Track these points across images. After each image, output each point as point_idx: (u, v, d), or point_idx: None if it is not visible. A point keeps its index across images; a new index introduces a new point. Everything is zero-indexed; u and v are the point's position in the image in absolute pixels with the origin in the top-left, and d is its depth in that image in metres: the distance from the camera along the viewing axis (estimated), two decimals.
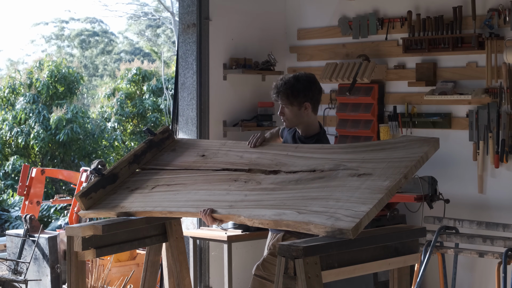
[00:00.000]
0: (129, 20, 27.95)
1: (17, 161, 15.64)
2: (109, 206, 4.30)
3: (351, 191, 3.54)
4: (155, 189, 4.33)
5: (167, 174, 4.45)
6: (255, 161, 4.23)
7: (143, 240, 4.47)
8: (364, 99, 6.22)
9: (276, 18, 6.77)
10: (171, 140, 4.72)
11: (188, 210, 4.07)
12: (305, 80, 4.34)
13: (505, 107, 5.56)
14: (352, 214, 3.34)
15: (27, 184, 7.42)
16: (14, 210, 13.29)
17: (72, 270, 4.13)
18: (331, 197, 3.56)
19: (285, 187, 3.86)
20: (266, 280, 4.21)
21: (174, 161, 4.55)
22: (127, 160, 4.52)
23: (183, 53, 6.28)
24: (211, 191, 4.11)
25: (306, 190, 3.73)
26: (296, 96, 4.31)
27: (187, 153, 4.59)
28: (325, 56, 6.57)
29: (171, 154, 4.63)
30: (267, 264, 4.21)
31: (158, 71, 19.58)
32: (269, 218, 3.62)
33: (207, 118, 6.27)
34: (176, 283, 4.61)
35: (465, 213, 5.60)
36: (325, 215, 3.42)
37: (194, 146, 4.65)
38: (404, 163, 3.58)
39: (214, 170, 4.31)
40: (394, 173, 3.54)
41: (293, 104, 4.31)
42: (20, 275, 6.37)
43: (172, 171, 4.47)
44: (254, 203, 3.82)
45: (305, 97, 4.31)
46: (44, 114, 16.36)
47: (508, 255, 4.83)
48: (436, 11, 5.90)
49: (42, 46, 30.57)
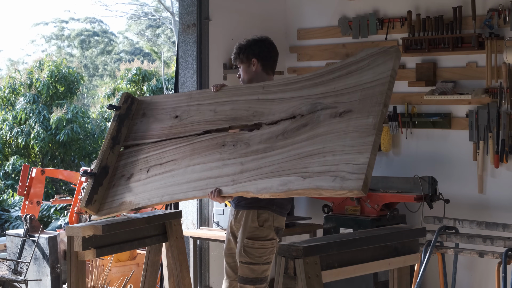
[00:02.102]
0: (129, 20, 27.95)
1: (17, 161, 15.64)
2: (117, 203, 4.30)
3: (341, 138, 3.51)
4: (150, 172, 4.31)
5: (153, 150, 4.41)
6: (231, 115, 4.19)
7: (143, 240, 4.47)
8: None
9: (276, 18, 6.77)
10: (136, 104, 4.66)
11: (195, 194, 4.07)
12: (254, 39, 4.50)
13: (505, 107, 5.56)
14: (356, 170, 3.33)
15: (27, 184, 7.43)
16: (14, 210, 13.29)
17: (72, 270, 4.13)
18: (325, 150, 3.53)
19: (275, 145, 3.83)
20: (254, 265, 4.24)
21: (150, 130, 4.51)
22: (108, 146, 4.47)
23: (183, 53, 6.28)
24: (206, 164, 4.09)
25: (297, 146, 3.70)
26: (244, 52, 4.44)
27: (159, 116, 4.54)
28: (325, 56, 6.56)
29: (144, 120, 4.58)
30: (248, 249, 4.24)
31: (158, 71, 19.58)
32: (278, 190, 3.61)
33: None
34: (176, 283, 4.61)
35: (465, 213, 5.60)
36: (330, 176, 3.41)
37: (162, 106, 4.57)
38: (378, 88, 3.52)
39: (196, 135, 4.27)
40: (373, 105, 3.49)
41: (243, 61, 4.43)
42: (20, 275, 6.37)
43: (156, 145, 4.42)
44: (255, 173, 3.80)
45: (252, 54, 4.43)
46: (44, 114, 16.36)
47: (508, 255, 4.83)
48: (436, 11, 5.90)
49: (42, 46, 30.58)
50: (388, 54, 3.58)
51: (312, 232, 6.18)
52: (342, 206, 5.87)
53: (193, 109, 4.40)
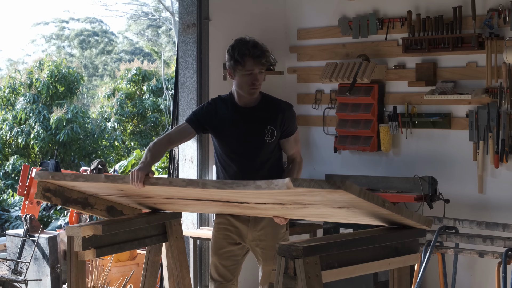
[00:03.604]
0: (129, 20, 27.95)
1: (17, 161, 15.65)
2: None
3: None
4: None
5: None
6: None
7: (143, 240, 4.46)
8: (364, 99, 6.22)
9: (276, 18, 6.77)
10: None
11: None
12: (258, 42, 4.29)
13: (505, 107, 5.56)
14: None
15: (27, 184, 7.42)
16: (14, 210, 13.28)
17: (72, 270, 4.13)
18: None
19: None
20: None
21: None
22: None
23: (183, 53, 6.28)
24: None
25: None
26: (269, 56, 4.31)
27: None
28: (325, 56, 6.57)
29: None
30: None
31: (158, 71, 19.59)
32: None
33: None
34: (176, 283, 4.60)
35: (465, 213, 5.60)
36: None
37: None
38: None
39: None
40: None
41: (264, 65, 4.24)
42: (20, 275, 6.37)
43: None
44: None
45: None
46: (44, 114, 16.37)
47: (508, 255, 4.83)
48: (436, 11, 5.90)
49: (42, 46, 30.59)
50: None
51: (312, 232, 6.18)
52: None
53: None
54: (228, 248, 4.36)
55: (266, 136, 4.27)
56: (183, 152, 6.25)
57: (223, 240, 4.36)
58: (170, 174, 6.42)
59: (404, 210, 3.58)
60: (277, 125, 4.28)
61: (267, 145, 4.28)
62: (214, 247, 4.39)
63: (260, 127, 4.27)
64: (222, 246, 4.36)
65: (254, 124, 4.27)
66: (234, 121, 4.27)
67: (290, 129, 4.33)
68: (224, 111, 4.31)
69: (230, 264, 4.36)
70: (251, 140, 4.27)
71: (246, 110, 4.29)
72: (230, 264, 4.36)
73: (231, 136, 4.29)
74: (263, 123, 4.27)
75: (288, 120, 4.31)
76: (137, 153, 16.75)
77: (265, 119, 4.28)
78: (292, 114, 4.35)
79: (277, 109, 4.30)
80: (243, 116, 4.27)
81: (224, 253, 4.36)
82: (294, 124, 4.36)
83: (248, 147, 4.28)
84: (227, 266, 4.36)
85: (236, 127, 4.27)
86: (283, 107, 4.33)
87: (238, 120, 4.27)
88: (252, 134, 4.27)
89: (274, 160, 4.35)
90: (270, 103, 4.33)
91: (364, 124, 6.22)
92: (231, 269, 4.36)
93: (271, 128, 4.27)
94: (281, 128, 4.30)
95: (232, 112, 4.29)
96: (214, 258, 4.38)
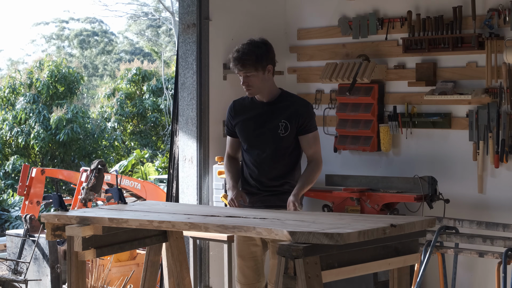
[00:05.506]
0: (129, 20, 27.95)
1: (17, 161, 15.66)
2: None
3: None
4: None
5: None
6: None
7: (143, 240, 4.47)
8: (364, 99, 6.21)
9: (276, 18, 6.77)
10: None
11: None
12: (263, 44, 4.51)
13: (505, 107, 5.56)
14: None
15: (27, 184, 7.43)
16: (14, 210, 13.30)
17: (72, 270, 4.13)
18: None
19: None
20: None
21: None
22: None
23: (183, 53, 6.28)
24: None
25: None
26: (261, 61, 4.44)
27: None
28: (325, 56, 6.56)
29: None
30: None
31: (158, 71, 19.59)
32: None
33: (207, 118, 6.26)
34: (176, 283, 4.61)
35: (465, 213, 5.59)
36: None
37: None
38: None
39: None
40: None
41: (258, 69, 4.44)
42: (20, 275, 6.37)
43: None
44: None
45: (267, 60, 4.46)
46: (44, 114, 16.37)
47: (508, 255, 4.83)
48: (436, 11, 5.89)
49: (42, 46, 30.60)
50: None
51: None
52: (342, 206, 5.87)
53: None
54: (252, 249, 4.54)
55: (280, 129, 4.53)
56: (183, 152, 6.25)
57: (243, 242, 4.55)
58: (170, 174, 6.42)
59: (406, 226, 3.64)
60: (292, 120, 4.53)
61: (281, 139, 4.53)
62: (237, 249, 4.60)
63: (274, 120, 4.54)
64: (246, 247, 4.55)
65: (269, 118, 4.54)
66: (250, 115, 4.58)
67: (306, 126, 4.57)
68: (241, 108, 4.63)
69: (253, 264, 4.54)
70: (265, 133, 4.55)
71: (262, 105, 4.58)
72: (253, 264, 4.54)
73: (247, 129, 4.60)
74: (277, 117, 4.54)
75: (303, 116, 4.55)
76: (137, 153, 16.77)
77: (279, 113, 4.55)
78: (308, 111, 4.60)
79: (293, 105, 4.57)
80: (259, 110, 4.58)
81: (248, 254, 4.55)
82: (310, 122, 4.60)
83: (263, 140, 4.56)
84: (251, 267, 4.54)
85: (251, 120, 4.58)
86: (299, 103, 4.60)
87: (254, 114, 4.58)
88: (266, 127, 4.55)
89: (290, 157, 4.59)
90: (287, 99, 4.59)
91: (364, 124, 6.22)
92: (255, 269, 4.54)
93: (285, 122, 4.53)
94: (296, 124, 4.54)
95: (250, 107, 4.60)
96: (239, 260, 4.58)
